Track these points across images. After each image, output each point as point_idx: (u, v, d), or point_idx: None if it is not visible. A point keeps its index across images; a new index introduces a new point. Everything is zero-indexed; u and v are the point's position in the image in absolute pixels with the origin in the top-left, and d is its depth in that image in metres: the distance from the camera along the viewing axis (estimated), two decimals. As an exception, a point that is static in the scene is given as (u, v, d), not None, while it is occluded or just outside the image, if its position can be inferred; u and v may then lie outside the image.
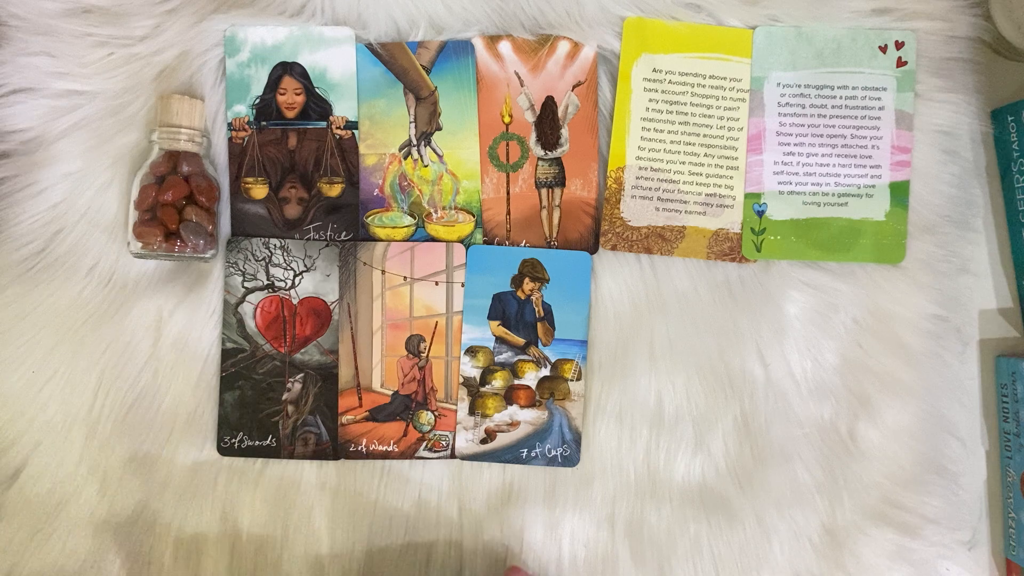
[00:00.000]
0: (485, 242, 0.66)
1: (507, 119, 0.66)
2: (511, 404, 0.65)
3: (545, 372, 0.66)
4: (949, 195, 0.66)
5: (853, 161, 0.65)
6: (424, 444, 0.65)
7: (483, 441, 0.65)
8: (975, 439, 0.68)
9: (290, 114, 0.65)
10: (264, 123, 0.65)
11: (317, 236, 0.65)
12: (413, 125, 0.66)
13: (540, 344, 0.66)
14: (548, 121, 0.66)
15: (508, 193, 0.66)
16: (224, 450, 0.64)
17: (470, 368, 0.66)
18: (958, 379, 0.68)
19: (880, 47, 0.65)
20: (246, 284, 0.65)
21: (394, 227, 0.66)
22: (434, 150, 0.66)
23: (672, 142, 0.66)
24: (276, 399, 0.65)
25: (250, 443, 0.64)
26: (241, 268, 0.65)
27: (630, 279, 0.66)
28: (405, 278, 0.65)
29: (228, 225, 0.65)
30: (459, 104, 0.66)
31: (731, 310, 0.65)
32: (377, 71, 0.65)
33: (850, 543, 0.65)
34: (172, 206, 0.62)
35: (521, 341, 0.66)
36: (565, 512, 0.65)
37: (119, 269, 0.64)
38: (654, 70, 0.65)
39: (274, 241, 0.65)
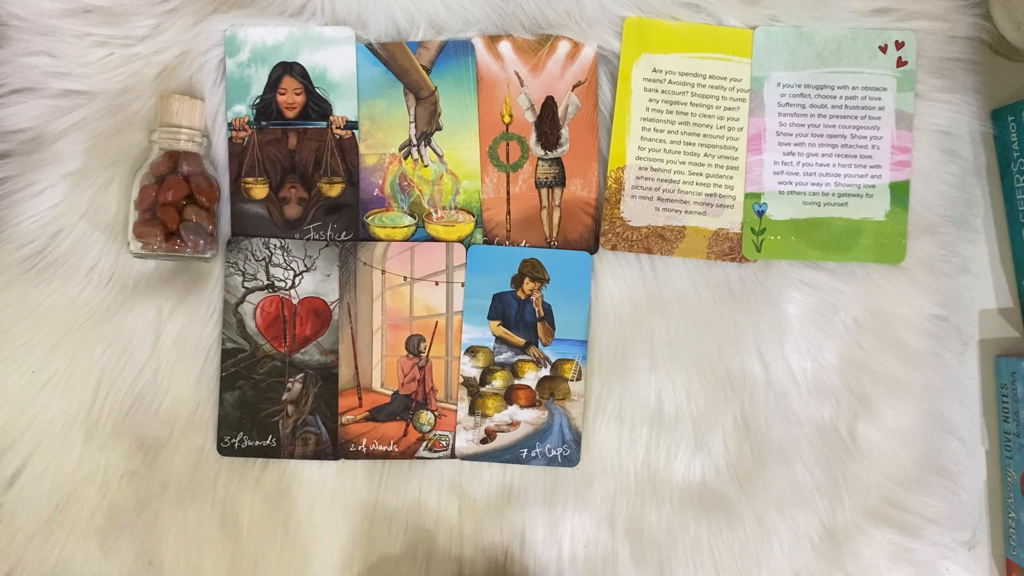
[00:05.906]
0: (485, 242, 0.66)
1: (507, 119, 0.66)
2: (511, 404, 0.65)
3: (545, 372, 0.66)
4: (949, 195, 0.66)
5: (853, 161, 0.65)
6: (424, 444, 0.65)
7: (483, 441, 0.65)
8: (975, 439, 0.68)
9: (290, 114, 0.65)
10: (264, 123, 0.65)
11: (317, 236, 0.65)
12: (413, 125, 0.66)
13: (540, 344, 0.66)
14: (548, 121, 0.66)
15: (508, 193, 0.66)
16: (224, 450, 0.64)
17: (470, 368, 0.66)
18: (958, 379, 0.68)
19: (880, 47, 0.65)
20: (246, 284, 0.65)
21: (394, 227, 0.66)
22: (434, 150, 0.66)
23: (672, 142, 0.66)
24: (276, 399, 0.65)
25: (250, 443, 0.64)
26: (241, 268, 0.65)
27: (630, 279, 0.66)
28: (405, 278, 0.65)
29: (228, 225, 0.65)
30: (459, 104, 0.66)
31: (731, 310, 0.65)
32: (377, 71, 0.65)
33: (850, 543, 0.65)
34: (172, 206, 0.62)
35: (521, 341, 0.66)
36: (565, 512, 0.65)
37: (119, 269, 0.64)
38: (654, 70, 0.65)
39: (274, 241, 0.65)
